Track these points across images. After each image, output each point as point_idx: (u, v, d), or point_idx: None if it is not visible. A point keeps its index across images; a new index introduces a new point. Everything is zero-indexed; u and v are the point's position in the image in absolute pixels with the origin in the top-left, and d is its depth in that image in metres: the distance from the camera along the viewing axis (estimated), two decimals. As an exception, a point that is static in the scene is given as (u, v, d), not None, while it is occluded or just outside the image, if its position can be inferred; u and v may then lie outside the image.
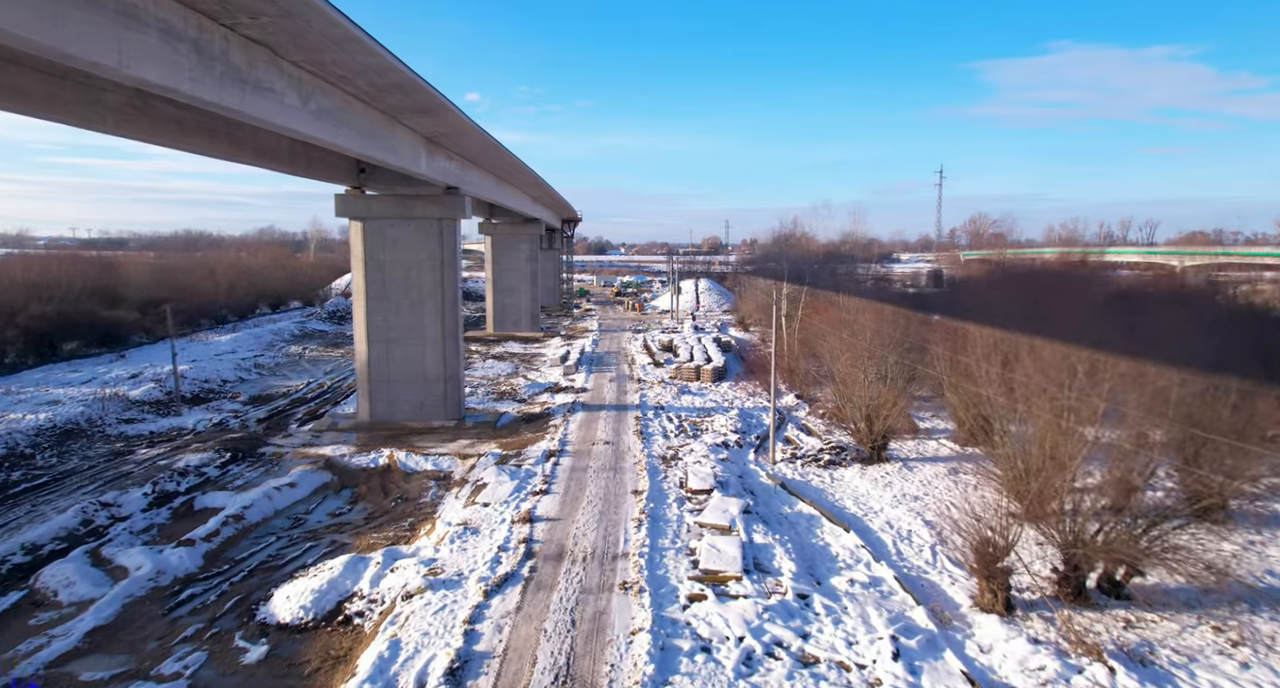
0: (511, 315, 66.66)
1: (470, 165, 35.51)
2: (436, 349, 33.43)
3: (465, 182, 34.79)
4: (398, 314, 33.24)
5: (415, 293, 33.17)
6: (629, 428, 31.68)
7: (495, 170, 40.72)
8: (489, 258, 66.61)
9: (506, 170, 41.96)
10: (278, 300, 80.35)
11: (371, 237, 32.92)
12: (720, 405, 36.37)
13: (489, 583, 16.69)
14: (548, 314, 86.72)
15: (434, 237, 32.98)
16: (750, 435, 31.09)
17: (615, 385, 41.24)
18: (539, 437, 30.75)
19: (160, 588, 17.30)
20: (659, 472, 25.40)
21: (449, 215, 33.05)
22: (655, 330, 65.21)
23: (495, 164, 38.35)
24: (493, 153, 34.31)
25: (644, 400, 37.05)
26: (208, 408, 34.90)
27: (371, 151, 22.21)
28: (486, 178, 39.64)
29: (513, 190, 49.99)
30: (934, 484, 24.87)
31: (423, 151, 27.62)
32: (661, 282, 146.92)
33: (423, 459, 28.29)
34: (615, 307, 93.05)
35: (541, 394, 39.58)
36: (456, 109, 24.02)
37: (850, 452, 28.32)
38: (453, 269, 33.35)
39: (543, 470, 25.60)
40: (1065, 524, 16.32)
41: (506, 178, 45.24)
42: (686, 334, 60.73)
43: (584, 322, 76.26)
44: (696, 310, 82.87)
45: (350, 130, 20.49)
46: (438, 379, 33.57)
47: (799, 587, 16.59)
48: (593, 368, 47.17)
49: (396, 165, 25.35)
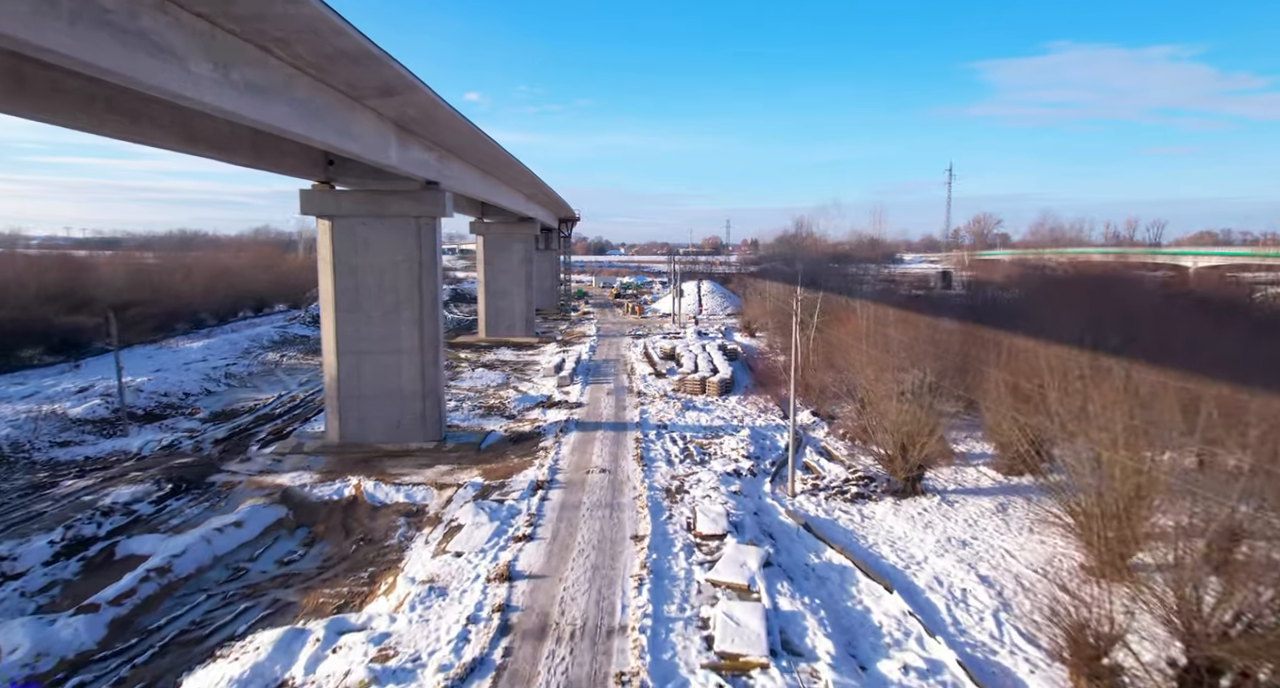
0: (505, 320, 63.21)
1: (451, 158, 32.08)
2: (414, 362, 29.99)
3: (446, 176, 31.35)
4: (370, 323, 29.80)
5: (390, 299, 29.73)
6: (628, 452, 28.24)
7: (481, 164, 37.28)
8: (481, 259, 63.16)
9: (494, 164, 38.52)
10: (261, 303, 76.92)
11: (341, 237, 29.48)
12: (729, 424, 32.92)
13: (451, 675, 13.24)
14: (544, 317, 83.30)
15: (411, 236, 29.54)
16: (765, 461, 27.64)
17: (613, 399, 37.78)
18: (527, 462, 27.31)
19: (38, 676, 13.85)
20: (663, 509, 21.95)
21: (427, 213, 29.63)
22: (656, 336, 61.80)
23: (480, 157, 34.91)
24: (475, 144, 30.88)
25: (645, 418, 33.60)
26: (160, 427, 31.43)
27: (323, 136, 18.76)
28: (471, 172, 36.21)
29: (504, 187, 46.55)
30: (981, 525, 21.43)
31: (393, 139, 24.19)
32: (662, 283, 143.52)
33: (393, 490, 24.85)
34: (614, 309, 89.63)
35: (533, 410, 36.13)
36: (425, 88, 20.58)
37: (880, 482, 24.88)
38: (432, 273, 29.92)
39: (528, 507, 22.15)
40: (1172, 597, 12.85)
41: (495, 173, 41.79)
42: (689, 340, 57.28)
43: (581, 326, 72.84)
44: (699, 314, 79.44)
45: (292, 110, 17.05)
46: (415, 396, 30.12)
47: (842, 681, 13.14)
48: (589, 379, 43.73)
49: (359, 154, 21.92)
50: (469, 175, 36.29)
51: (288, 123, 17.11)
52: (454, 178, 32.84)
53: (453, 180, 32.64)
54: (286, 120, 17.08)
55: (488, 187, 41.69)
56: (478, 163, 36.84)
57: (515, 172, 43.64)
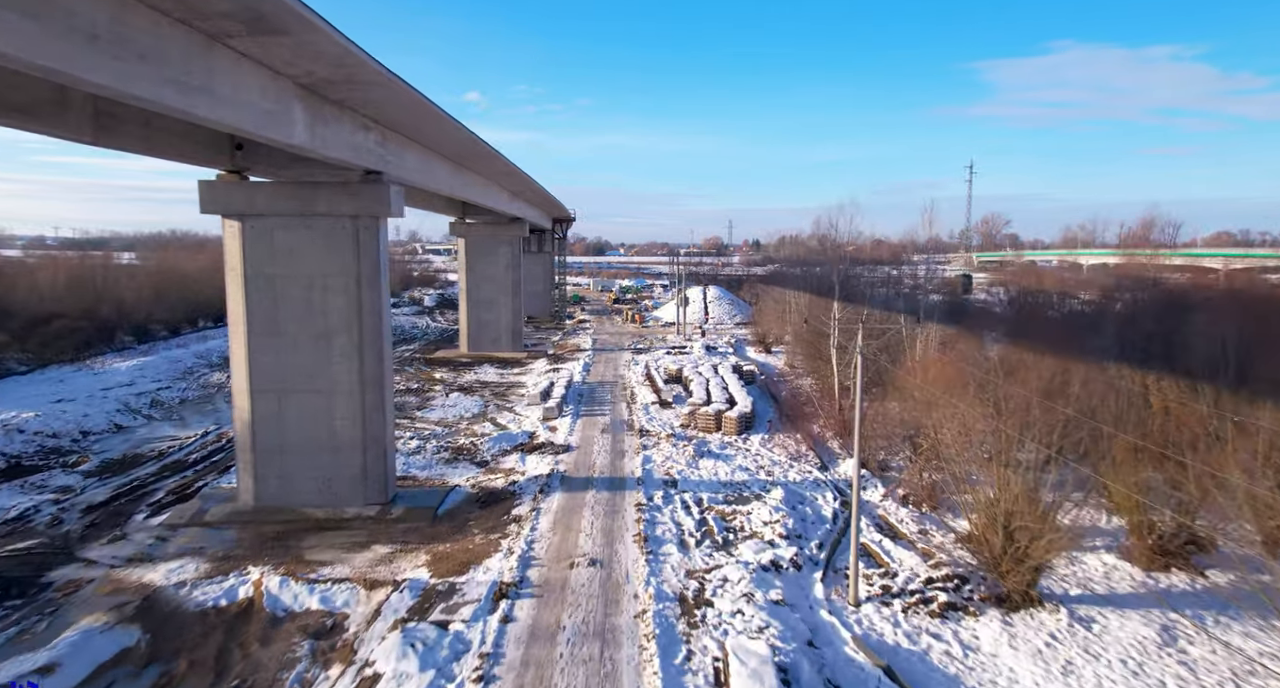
0: (489, 332, 56.36)
1: (404, 143, 25.22)
2: (351, 403, 23.18)
3: (395, 165, 24.54)
4: (294, 353, 22.99)
5: (319, 323, 22.93)
6: (626, 527, 21.42)
7: (449, 154, 30.40)
8: (462, 264, 56.32)
9: (468, 155, 31.68)
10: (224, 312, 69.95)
11: (255, 242, 22.67)
12: (755, 478, 26.10)
13: None
14: (536, 325, 76.50)
15: (345, 242, 22.76)
16: (810, 542, 20.80)
17: (609, 439, 30.95)
18: (492, 544, 20.51)
19: None
20: (677, 644, 15.13)
21: (368, 211, 22.84)
22: (659, 351, 55.00)
23: (446, 144, 28.06)
24: (434, 125, 24.03)
25: (648, 469, 26.76)
26: (22, 486, 24.48)
27: (144, 90, 11.86)
28: (433, 161, 29.36)
29: (479, 181, 39.70)
30: (1149, 670, 14.61)
31: (298, 108, 17.31)
32: (663, 286, 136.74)
33: (306, 590, 18.05)
34: (613, 317, 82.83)
35: (510, 454, 29.32)
36: (328, 28, 13.77)
37: (975, 582, 18.07)
38: (375, 288, 23.12)
39: (481, 637, 15.35)
40: None
41: (470, 166, 34.93)
42: (697, 357, 50.47)
43: (576, 337, 66.02)
44: (705, 323, 72.68)
45: (65, 43, 10.19)
46: (353, 446, 23.31)
47: None
48: (581, 408, 36.92)
49: (237, 126, 15.09)
50: (433, 166, 29.46)
51: (65, 61, 10.25)
52: (408, 168, 26.01)
53: (406, 171, 25.81)
54: (65, 57, 10.23)
55: (461, 181, 34.84)
56: (444, 152, 30.00)
57: (496, 165, 36.81)
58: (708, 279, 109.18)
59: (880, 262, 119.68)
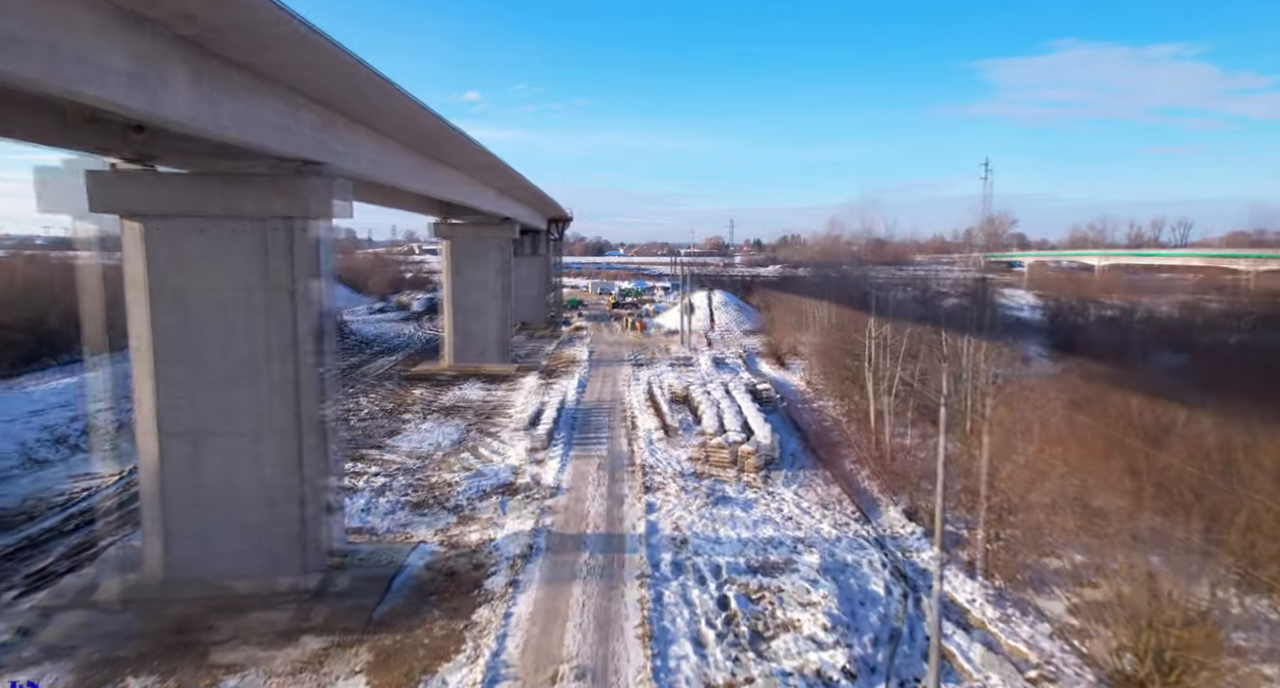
0: (476, 344, 51.76)
1: (349, 126, 20.54)
2: (285, 448, 18.62)
3: (345, 155, 19.98)
4: (214, 387, 18.42)
5: (245, 350, 18.37)
6: (626, 614, 16.83)
7: (407, 138, 25.66)
8: (446, 268, 51.74)
9: (434, 142, 27.08)
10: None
11: (161, 248, 18.08)
12: (783, 533, 21.51)
13: None
14: (530, 333, 71.95)
15: (278, 249, 18.19)
16: (862, 635, 16.18)
17: (606, 480, 26.37)
18: (454, 638, 15.95)
19: None
20: None
21: (306, 212, 18.28)
22: (662, 364, 50.44)
23: (401, 127, 23.41)
24: (385, 104, 19.37)
25: (653, 523, 22.16)
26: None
27: None
28: (396, 152, 24.76)
29: (459, 178, 35.13)
30: None
31: (178, 69, 12.73)
32: (664, 288, 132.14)
33: (199, 717, 13.46)
34: (611, 323, 78.23)
35: (489, 498, 24.76)
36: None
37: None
38: (314, 306, 18.56)
39: None
40: None
41: (443, 158, 30.33)
42: (705, 372, 45.91)
43: (572, 347, 61.43)
44: (711, 331, 68.13)
45: None
46: (288, 500, 18.74)
47: None
48: (574, 438, 32.34)
49: (74, 90, 10.55)
50: (395, 158, 24.89)
51: None
52: (361, 160, 21.44)
53: (358, 163, 21.24)
54: None
55: (435, 177, 30.27)
56: (408, 140, 25.43)
57: (477, 159, 32.26)
58: (712, 282, 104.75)
59: (884, 262, 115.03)
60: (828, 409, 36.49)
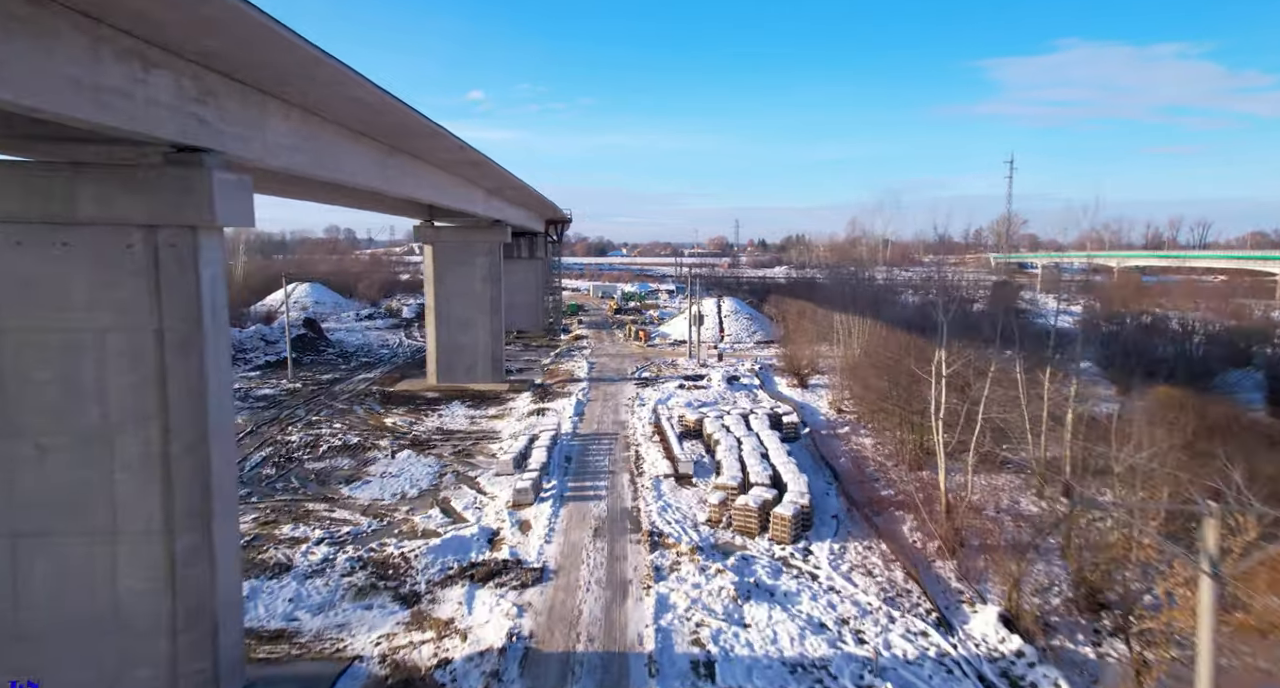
0: (463, 359, 46.38)
1: (242, 93, 14.92)
2: (151, 552, 13.27)
3: (239, 138, 14.51)
4: (43, 466, 13.04)
5: (91, 414, 12.98)
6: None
7: (350, 121, 20.12)
8: (430, 276, 46.34)
9: (392, 131, 21.59)
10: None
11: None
12: (837, 645, 16.03)
13: None
14: (526, 343, 66.58)
15: (137, 271, 12.82)
16: None
17: (604, 559, 20.83)
18: None
19: None
20: None
21: (177, 219, 12.95)
22: (670, 382, 44.98)
23: (343, 108, 17.95)
24: (281, 57, 13.80)
25: (665, 630, 16.66)
26: None
27: None
28: (328, 137, 19.21)
29: (434, 175, 29.70)
30: None
31: None
32: (668, 291, 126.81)
33: None
34: (614, 332, 72.81)
35: (456, 582, 19.38)
36: None
37: None
38: (196, 351, 13.18)
39: None
40: None
41: (407, 149, 24.82)
42: (718, 393, 40.47)
43: (571, 360, 56.00)
44: (720, 342, 62.65)
45: None
46: (155, 628, 13.41)
47: None
48: (568, 484, 26.93)
49: None
50: (328, 146, 19.38)
51: None
52: (269, 145, 15.94)
53: (264, 149, 15.74)
54: None
55: (398, 172, 24.80)
56: (354, 124, 19.95)
57: (455, 154, 26.84)
58: (719, 287, 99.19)
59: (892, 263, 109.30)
60: (863, 443, 31.00)
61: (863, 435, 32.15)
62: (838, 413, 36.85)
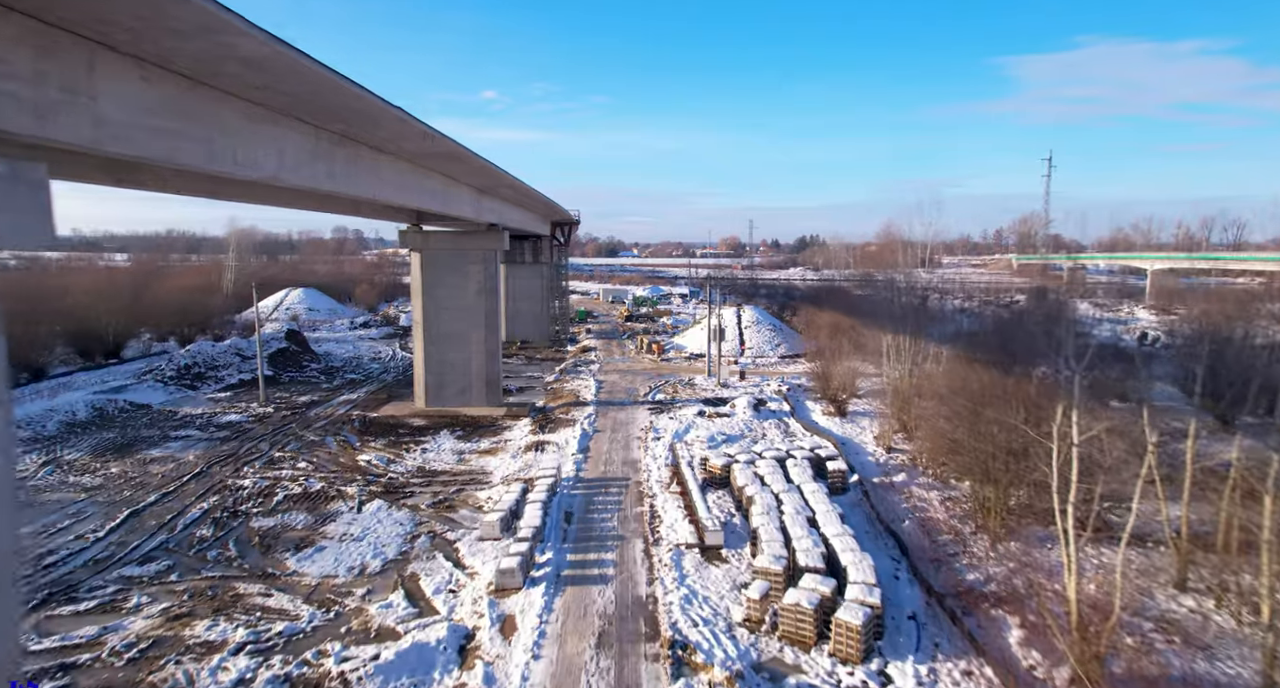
0: (455, 380, 41.28)
1: (42, 39, 9.84)
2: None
3: (26, 99, 9.32)
4: None
5: None
6: None
7: (248, 92, 14.98)
8: (417, 287, 41.27)
9: (333, 113, 16.43)
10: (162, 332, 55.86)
11: None
12: None
13: None
14: (529, 355, 61.47)
15: None
16: None
17: (609, 681, 15.57)
18: None
19: None
20: None
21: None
22: (688, 408, 39.61)
23: (249, 79, 12.83)
24: None
25: None
26: None
27: None
28: (228, 113, 14.05)
29: (402, 170, 24.50)
30: None
31: None
32: (681, 296, 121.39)
33: None
34: (624, 343, 67.50)
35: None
36: None
37: None
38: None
39: None
40: None
41: (358, 138, 19.64)
42: (745, 423, 35.10)
43: (577, 377, 50.74)
44: (741, 356, 57.21)
45: None
46: None
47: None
48: (567, 558, 21.63)
49: None
50: (229, 126, 14.15)
51: None
52: (101, 118, 10.73)
53: (96, 125, 10.53)
54: None
55: (336, 168, 19.58)
56: (260, 97, 14.73)
57: (417, 142, 21.64)
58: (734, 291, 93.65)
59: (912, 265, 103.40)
60: (927, 498, 25.52)
61: (925, 487, 26.65)
62: (887, 452, 31.36)
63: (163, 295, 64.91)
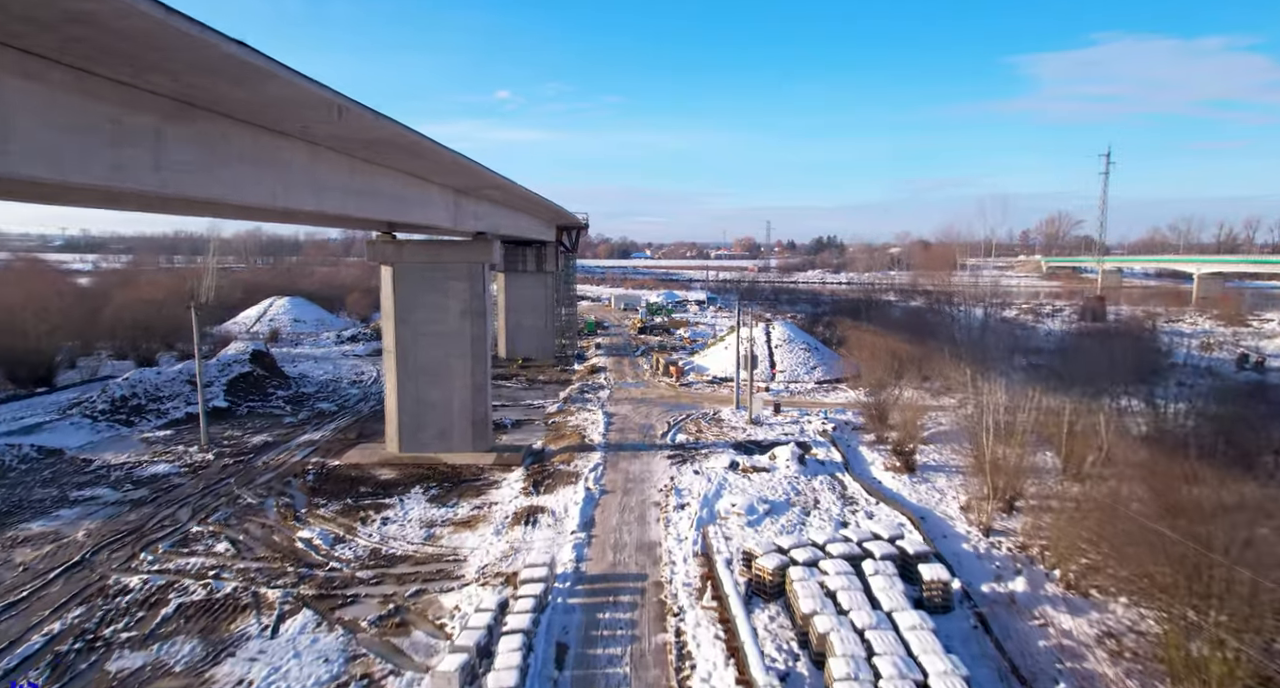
0: (434, 421, 34.10)
1: None
2: None
3: None
4: None
5: None
6: None
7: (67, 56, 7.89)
8: (388, 310, 34.16)
9: (218, 95, 9.35)
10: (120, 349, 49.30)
11: None
12: None
13: None
14: (530, 377, 54.31)
15: None
16: None
17: None
18: None
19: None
20: None
21: None
22: (717, 458, 32.17)
23: None
24: None
25: None
26: None
27: None
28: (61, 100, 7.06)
29: (346, 167, 17.27)
30: None
31: None
32: (698, 302, 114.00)
33: None
34: (638, 361, 60.24)
35: None
36: None
37: None
38: None
39: None
40: None
41: (267, 125, 12.49)
42: (790, 486, 27.69)
43: (583, 409, 43.46)
44: (773, 382, 49.74)
45: None
46: None
47: None
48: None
49: None
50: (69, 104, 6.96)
51: None
52: None
53: None
54: None
55: (167, 155, 12.38)
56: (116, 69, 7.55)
57: (371, 132, 14.48)
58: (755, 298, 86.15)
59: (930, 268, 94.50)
60: (1077, 627, 17.98)
61: (1062, 605, 19.06)
62: (985, 534, 23.81)
63: (126, 307, 58.33)
